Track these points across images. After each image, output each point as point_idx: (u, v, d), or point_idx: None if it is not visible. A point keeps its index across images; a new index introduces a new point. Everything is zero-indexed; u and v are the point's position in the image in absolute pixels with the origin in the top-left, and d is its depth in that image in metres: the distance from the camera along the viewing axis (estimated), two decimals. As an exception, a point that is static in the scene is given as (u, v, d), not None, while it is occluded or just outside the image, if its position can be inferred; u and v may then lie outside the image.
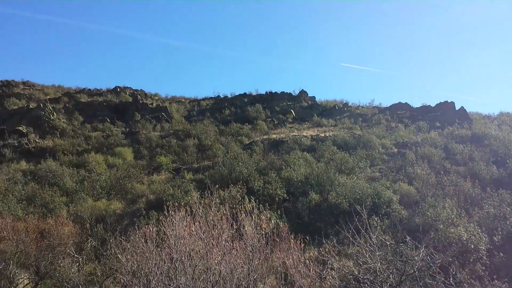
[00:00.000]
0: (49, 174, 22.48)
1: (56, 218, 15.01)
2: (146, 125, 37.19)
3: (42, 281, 11.56)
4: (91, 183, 21.76)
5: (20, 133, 31.65)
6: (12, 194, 18.60)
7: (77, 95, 45.15)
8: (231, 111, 46.09)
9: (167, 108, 42.95)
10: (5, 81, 50.27)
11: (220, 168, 24.29)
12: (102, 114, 39.21)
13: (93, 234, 14.57)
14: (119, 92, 47.17)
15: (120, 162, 27.49)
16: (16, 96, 41.97)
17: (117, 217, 16.80)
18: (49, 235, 13.60)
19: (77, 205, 18.03)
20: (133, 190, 21.93)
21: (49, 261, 11.67)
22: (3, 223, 14.49)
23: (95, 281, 10.71)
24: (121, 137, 33.43)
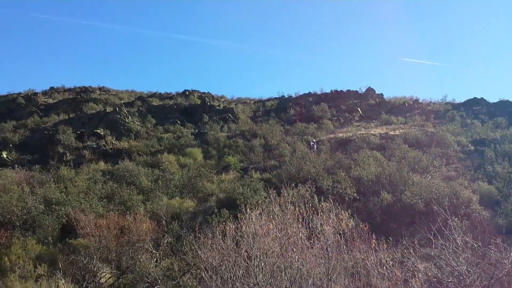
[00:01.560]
0: (126, 173, 23.67)
1: (134, 215, 15.79)
2: (213, 126, 38.08)
3: (123, 275, 12.18)
4: (165, 182, 22.62)
5: (98, 135, 33.65)
6: (93, 193, 19.77)
7: (149, 99, 47.27)
8: (296, 110, 45.97)
9: (233, 109, 43.68)
10: (83, 87, 53.80)
11: (288, 167, 24.27)
12: (172, 117, 40.71)
13: (169, 230, 15.11)
14: (188, 95, 48.77)
15: (191, 162, 28.33)
16: (94, 101, 44.70)
17: (190, 215, 17.31)
18: (128, 231, 14.32)
19: (153, 203, 18.80)
20: (203, 188, 22.49)
21: (129, 256, 12.28)
22: (87, 220, 15.49)
23: (173, 276, 11.11)
24: (191, 138, 34.48)
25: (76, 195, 18.74)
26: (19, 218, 15.84)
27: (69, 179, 22.40)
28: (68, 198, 17.92)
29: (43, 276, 12.78)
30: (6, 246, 14.15)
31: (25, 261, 13.32)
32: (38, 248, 14.35)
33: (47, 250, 14.35)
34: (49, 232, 15.63)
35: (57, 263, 13.11)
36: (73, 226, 15.67)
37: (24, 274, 12.82)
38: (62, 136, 32.32)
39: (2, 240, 14.43)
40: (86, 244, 14.01)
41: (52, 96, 50.12)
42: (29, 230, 15.63)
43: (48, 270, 13.00)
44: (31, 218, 16.00)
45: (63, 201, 17.39)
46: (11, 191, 18.26)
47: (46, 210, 16.57)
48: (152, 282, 11.09)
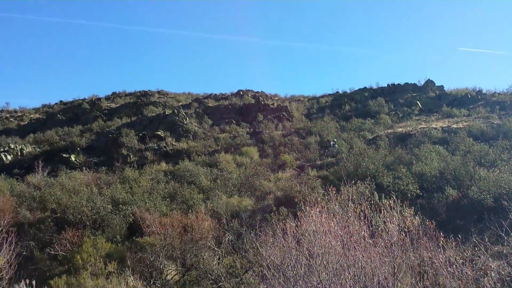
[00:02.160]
0: (187, 173, 24.39)
1: (196, 213, 16.24)
2: (268, 124, 38.30)
3: (188, 272, 12.57)
4: (223, 181, 23.05)
5: (158, 137, 34.91)
6: (157, 192, 20.53)
7: (205, 100, 48.40)
8: (351, 106, 45.23)
9: (287, 107, 43.71)
10: (143, 91, 55.99)
11: (345, 164, 23.91)
12: (228, 117, 41.41)
13: (229, 228, 15.40)
14: (242, 95, 49.39)
15: (247, 161, 28.70)
16: (153, 104, 46.41)
17: (249, 213, 17.53)
18: (191, 229, 14.73)
19: (213, 202, 19.24)
20: (261, 187, 22.70)
21: (193, 254, 12.65)
22: (151, 219, 16.13)
23: (235, 274, 11.33)
24: (246, 137, 34.92)
25: (140, 195, 19.54)
26: (89, 218, 16.75)
27: (134, 179, 23.39)
28: (134, 198, 18.73)
29: (113, 273, 13.41)
30: (78, 245, 14.98)
31: (96, 259, 14.02)
32: (108, 246, 15.07)
33: (116, 248, 15.05)
34: (117, 231, 16.40)
35: (126, 261, 13.75)
36: (139, 224, 16.38)
37: (95, 272, 13.51)
38: (125, 138, 33.84)
39: (74, 239, 15.30)
40: (152, 242, 14.55)
41: (115, 100, 52.58)
42: (98, 229, 16.47)
43: (117, 268, 13.63)
44: (100, 218, 16.86)
45: (129, 201, 18.20)
46: (81, 192, 19.36)
47: (114, 209, 17.39)
48: (215, 279, 11.36)
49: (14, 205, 18.51)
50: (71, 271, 13.55)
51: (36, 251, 15.36)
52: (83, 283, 12.50)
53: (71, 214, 16.71)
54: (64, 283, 12.58)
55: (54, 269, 14.61)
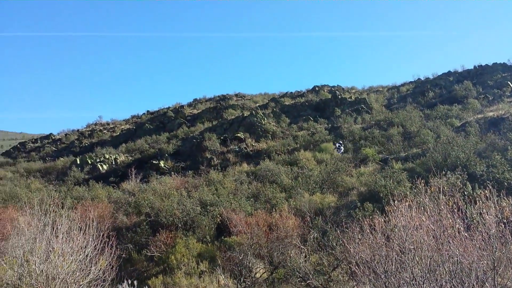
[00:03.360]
0: (268, 173, 24.73)
1: (279, 212, 16.43)
2: (347, 119, 37.59)
3: (276, 270, 12.76)
4: (304, 179, 23.05)
5: (239, 139, 35.75)
6: (241, 193, 21.08)
7: (281, 99, 48.68)
8: (435, 92, 42.93)
9: (366, 99, 42.56)
10: (222, 95, 57.72)
11: (433, 155, 22.76)
12: (305, 114, 41.30)
13: (313, 226, 15.38)
14: (318, 91, 48.96)
15: (327, 157, 28.40)
16: (232, 107, 47.61)
17: (333, 210, 17.36)
18: (276, 228, 14.93)
19: (295, 200, 19.33)
20: (343, 183, 22.37)
21: (280, 252, 12.82)
22: (238, 219, 16.59)
23: (323, 271, 11.30)
24: (325, 133, 34.55)
25: (226, 196, 20.20)
26: (180, 220, 17.63)
27: (218, 181, 24.22)
28: (220, 199, 19.40)
29: (205, 272, 14.00)
30: (171, 246, 15.83)
31: (189, 259, 14.73)
32: (199, 246, 15.77)
33: (206, 248, 15.70)
34: (207, 231, 17.09)
35: (216, 260, 14.29)
36: (226, 224, 16.94)
37: (189, 271, 14.19)
38: (208, 142, 35.08)
39: (168, 240, 16.19)
40: (240, 241, 14.97)
41: (196, 106, 54.77)
42: (189, 230, 17.27)
43: (209, 267, 14.21)
44: (190, 219, 17.68)
45: (215, 202, 18.89)
46: (172, 196, 20.45)
47: (202, 211, 18.16)
48: (303, 277, 11.41)
49: (112, 210, 20.04)
50: (166, 271, 14.35)
51: (134, 253, 16.46)
52: (178, 282, 13.19)
53: (164, 217, 17.69)
54: (161, 283, 13.36)
55: (151, 269, 15.56)
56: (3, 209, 19.10)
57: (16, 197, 24.99)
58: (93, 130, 56.68)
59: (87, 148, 47.57)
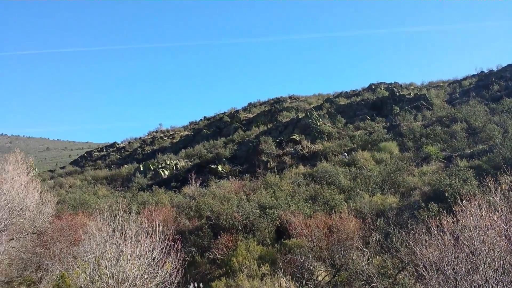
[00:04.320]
0: (325, 174, 24.47)
1: (339, 214, 16.19)
2: (406, 116, 36.39)
3: (338, 273, 12.58)
4: (363, 180, 22.58)
5: (294, 141, 35.68)
6: (299, 195, 21.02)
7: (336, 99, 48.06)
8: (500, 85, 40.58)
9: (426, 95, 41.00)
10: (276, 98, 57.97)
11: (500, 150, 21.52)
12: (361, 113, 40.47)
13: (375, 228, 15.02)
14: (375, 89, 47.84)
15: (386, 157, 27.65)
16: (286, 110, 47.62)
17: (395, 211, 16.86)
18: (336, 230, 14.72)
19: (355, 201, 18.98)
20: (405, 183, 21.67)
21: (342, 254, 12.63)
22: (297, 221, 16.54)
23: (388, 274, 11.00)
24: (383, 132, 33.67)
25: (284, 198, 20.22)
26: (240, 223, 17.86)
27: (275, 184, 24.29)
28: (278, 202, 19.45)
29: (267, 275, 14.06)
30: (232, 249, 16.06)
31: (250, 262, 14.86)
32: (259, 249, 15.87)
33: (267, 251, 15.78)
34: (266, 234, 17.19)
35: (277, 263, 14.30)
36: (285, 227, 16.94)
37: (250, 274, 14.31)
38: (264, 145, 35.30)
39: (229, 243, 16.45)
40: (300, 244, 14.91)
41: (251, 110, 55.38)
42: (249, 233, 17.45)
43: (270, 269, 14.26)
44: (250, 222, 17.86)
45: (274, 205, 18.96)
46: (231, 199, 20.77)
47: (261, 214, 18.29)
48: (367, 280, 11.17)
49: (174, 215, 20.68)
50: (229, 274, 14.57)
51: (197, 256, 16.87)
52: (240, 285, 13.34)
53: (224, 220, 18.01)
54: (224, 285, 13.58)
55: (214, 272, 15.87)
56: (73, 215, 20.26)
57: (85, 204, 26.47)
58: (154, 138, 58.89)
59: (149, 155, 49.51)
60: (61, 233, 15.60)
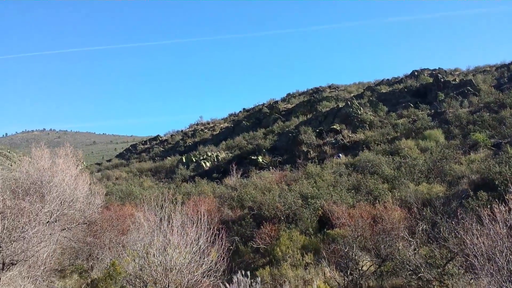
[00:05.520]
0: (368, 163, 24.10)
1: (383, 203, 15.92)
2: (451, 103, 35.14)
3: (383, 263, 12.39)
4: (408, 169, 22.06)
5: (335, 131, 35.28)
6: (341, 185, 20.81)
7: (377, 87, 47.03)
8: (555, 67, 38.40)
9: (472, 81, 39.38)
10: (315, 88, 57.42)
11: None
12: (404, 101, 39.43)
13: (421, 217, 14.66)
14: (418, 76, 46.43)
15: (432, 145, 26.87)
16: (326, 99, 47.12)
17: (442, 200, 16.37)
18: (381, 220, 14.49)
19: (400, 191, 18.59)
20: (451, 171, 20.99)
21: (387, 244, 12.42)
22: (340, 211, 16.42)
23: (436, 264, 10.74)
24: (427, 120, 32.69)
25: (325, 188, 20.09)
26: (283, 213, 17.92)
27: (316, 174, 24.14)
28: (320, 191, 19.35)
29: (310, 264, 14.07)
30: (275, 238, 16.16)
31: (294, 251, 14.91)
32: (302, 238, 15.88)
33: (310, 240, 15.76)
34: (309, 223, 17.16)
35: (320, 252, 14.26)
36: (328, 217, 16.85)
37: (294, 263, 14.36)
38: (304, 136, 35.15)
39: (272, 233, 16.56)
40: (343, 234, 14.80)
41: (290, 101, 55.17)
42: (291, 223, 17.48)
43: (313, 259, 14.26)
44: (292, 212, 17.88)
45: (316, 195, 18.88)
46: (272, 189, 20.86)
47: (303, 204, 18.26)
48: (414, 270, 10.95)
49: (217, 205, 21.00)
50: (272, 263, 14.69)
51: (240, 245, 17.10)
52: (284, 274, 13.41)
53: (266, 210, 18.13)
54: (268, 274, 13.70)
55: (257, 261, 16.04)
56: (121, 206, 20.97)
57: (132, 195, 27.36)
58: (195, 130, 59.85)
59: (191, 147, 50.41)
60: (110, 223, 16.16)
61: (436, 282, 10.45)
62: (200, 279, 9.79)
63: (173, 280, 9.43)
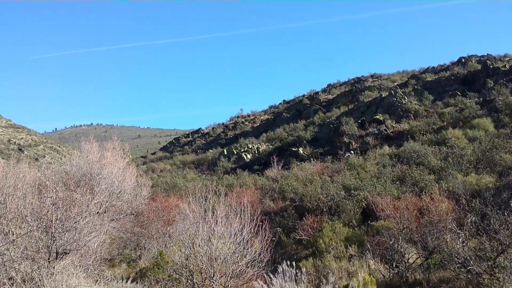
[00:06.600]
0: (413, 154, 23.44)
1: (430, 195, 15.50)
2: (501, 90, 33.52)
3: (431, 255, 12.10)
4: (455, 159, 21.31)
5: (378, 121, 34.55)
6: (385, 176, 20.39)
7: (422, 76, 45.60)
8: None
9: (525, 66, 37.40)
10: (356, 78, 56.43)
11: None
12: (451, 89, 38.02)
13: (470, 209, 14.17)
14: (465, 63, 44.63)
15: (480, 134, 25.81)
16: (368, 89, 46.17)
17: (492, 191, 15.73)
18: (427, 211, 14.14)
19: (447, 182, 18.03)
20: (502, 161, 20.13)
21: (434, 237, 12.11)
22: (384, 203, 16.13)
23: (486, 257, 10.37)
24: (476, 108, 31.39)
25: (369, 180, 19.76)
26: (325, 205, 17.82)
27: (359, 165, 23.79)
28: (363, 183, 19.07)
29: (354, 256, 13.95)
30: (318, 230, 16.12)
31: (337, 243, 14.82)
32: (345, 230, 15.76)
33: (353, 232, 15.62)
34: (352, 215, 16.98)
35: (364, 244, 14.10)
36: (371, 209, 16.61)
37: (337, 255, 14.28)
38: (345, 127, 34.66)
39: (314, 224, 16.52)
40: (388, 226, 14.56)
41: (331, 92, 54.52)
42: (334, 215, 17.36)
43: (357, 251, 14.13)
44: (335, 204, 17.75)
45: (359, 186, 18.63)
46: (314, 181, 20.77)
47: (346, 195, 18.08)
48: (463, 263, 10.62)
49: (259, 196, 21.15)
50: (315, 254, 14.67)
51: (283, 236, 17.17)
52: (328, 265, 13.37)
53: (308, 202, 18.09)
54: (311, 265, 13.69)
55: (300, 252, 16.07)
56: (166, 197, 21.51)
57: (176, 187, 28.01)
58: (236, 123, 60.34)
59: (232, 139, 50.90)
60: (156, 214, 16.65)
61: (487, 275, 10.11)
62: (244, 269, 9.94)
63: (218, 270, 9.62)
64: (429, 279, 11.64)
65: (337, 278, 12.22)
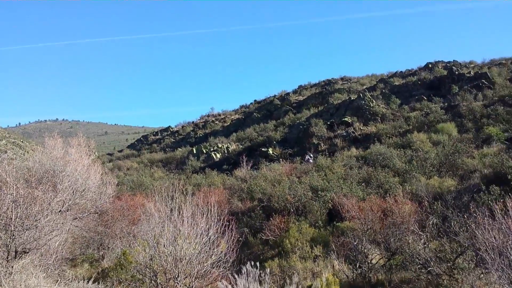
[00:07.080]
0: (379, 157, 23.92)
1: (394, 197, 15.82)
2: (465, 96, 34.69)
3: (393, 256, 12.36)
4: (419, 162, 21.87)
5: (346, 123, 35.08)
6: (351, 178, 20.71)
7: (390, 80, 46.62)
8: None
9: (487, 74, 38.79)
10: (327, 80, 57.11)
11: None
12: (417, 93, 39.04)
13: (432, 211, 14.56)
14: (432, 68, 45.92)
15: (444, 138, 26.61)
16: (338, 91, 46.84)
17: (453, 194, 16.23)
18: (391, 213, 14.41)
19: (411, 184, 18.46)
20: (463, 165, 20.79)
21: (397, 238, 12.38)
22: (350, 204, 16.36)
23: (446, 258, 10.67)
24: (440, 113, 32.34)
25: (336, 181, 20.01)
26: (292, 205, 17.91)
27: (327, 167, 24.06)
28: (330, 184, 19.29)
29: (319, 256, 14.09)
30: (285, 230, 16.17)
31: (303, 243, 14.93)
32: (311, 231, 15.87)
33: (319, 233, 15.75)
34: (318, 216, 17.13)
35: (329, 245, 14.27)
36: (337, 210, 16.81)
37: (303, 255, 14.38)
38: (315, 128, 35.01)
39: (281, 225, 16.57)
40: (353, 227, 14.78)
41: (301, 93, 54.99)
42: (301, 215, 17.45)
43: (323, 251, 14.27)
44: (302, 205, 17.85)
45: (326, 188, 18.82)
46: (282, 181, 20.85)
47: (313, 196, 18.23)
48: (424, 264, 10.90)
49: (227, 196, 21.06)
50: (281, 255, 14.73)
51: (250, 236, 17.14)
52: (293, 265, 13.46)
53: (276, 202, 18.14)
54: (277, 266, 13.75)
55: (266, 252, 16.09)
56: (132, 196, 21.12)
57: (143, 185, 27.55)
58: (206, 122, 60.00)
59: (202, 138, 50.58)
60: (121, 213, 16.30)
61: (446, 276, 10.40)
62: (209, 270, 9.85)
63: (183, 270, 9.51)
64: (391, 279, 11.87)
65: (302, 278, 12.32)
